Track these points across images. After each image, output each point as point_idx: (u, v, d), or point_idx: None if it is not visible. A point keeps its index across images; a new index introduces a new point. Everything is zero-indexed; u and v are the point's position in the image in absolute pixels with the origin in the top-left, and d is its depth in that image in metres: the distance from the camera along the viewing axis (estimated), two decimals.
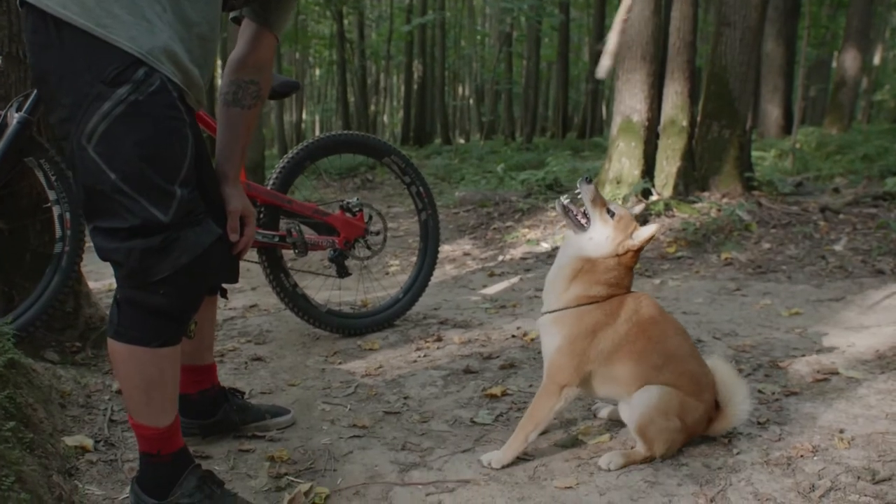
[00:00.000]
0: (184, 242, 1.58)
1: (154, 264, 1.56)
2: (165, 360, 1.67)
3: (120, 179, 1.51)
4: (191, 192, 1.60)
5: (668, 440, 1.97)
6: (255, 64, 2.02)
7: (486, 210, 7.10)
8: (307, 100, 34.43)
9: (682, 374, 2.00)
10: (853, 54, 13.53)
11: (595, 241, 1.95)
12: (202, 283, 1.70)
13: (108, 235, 1.57)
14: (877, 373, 2.64)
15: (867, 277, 4.21)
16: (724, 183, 6.08)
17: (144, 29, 1.52)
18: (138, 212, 1.52)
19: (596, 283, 1.96)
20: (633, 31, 6.05)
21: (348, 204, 3.20)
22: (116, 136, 1.50)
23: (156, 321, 1.62)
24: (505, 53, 23.09)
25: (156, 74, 1.52)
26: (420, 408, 2.44)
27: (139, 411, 1.70)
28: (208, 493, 1.73)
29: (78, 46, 1.48)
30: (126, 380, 1.68)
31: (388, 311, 3.38)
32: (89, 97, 1.49)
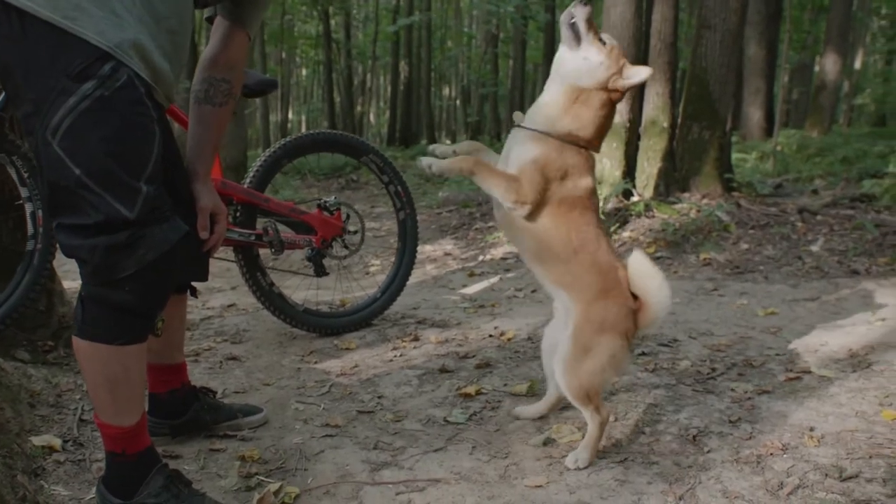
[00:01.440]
0: (149, 239, 1.56)
1: (119, 261, 1.54)
2: (130, 357, 1.65)
3: (84, 175, 1.49)
4: (157, 189, 1.59)
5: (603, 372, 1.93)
6: (226, 62, 2.01)
7: (469, 210, 7.11)
8: (293, 99, 34.33)
9: (592, 263, 1.93)
10: (833, 58, 13.68)
11: (590, 63, 1.88)
12: (168, 280, 1.69)
13: (73, 232, 1.55)
14: (848, 371, 2.66)
15: (842, 277, 4.24)
16: (705, 184, 6.11)
17: (112, 22, 1.50)
18: (103, 208, 1.51)
19: (585, 120, 1.91)
20: (614, 32, 6.06)
21: (326, 203, 3.19)
22: (81, 131, 1.48)
23: (120, 318, 1.61)
24: (491, 55, 23.14)
25: (123, 69, 1.51)
26: (394, 407, 2.44)
27: (104, 410, 1.69)
28: (175, 493, 1.71)
29: (43, 40, 1.46)
30: (91, 378, 1.67)
31: (366, 311, 3.37)
32: (54, 92, 1.47)
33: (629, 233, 5.41)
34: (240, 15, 1.99)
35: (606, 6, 6.18)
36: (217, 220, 2.01)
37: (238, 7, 1.98)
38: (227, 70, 2.01)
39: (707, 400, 2.42)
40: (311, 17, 23.64)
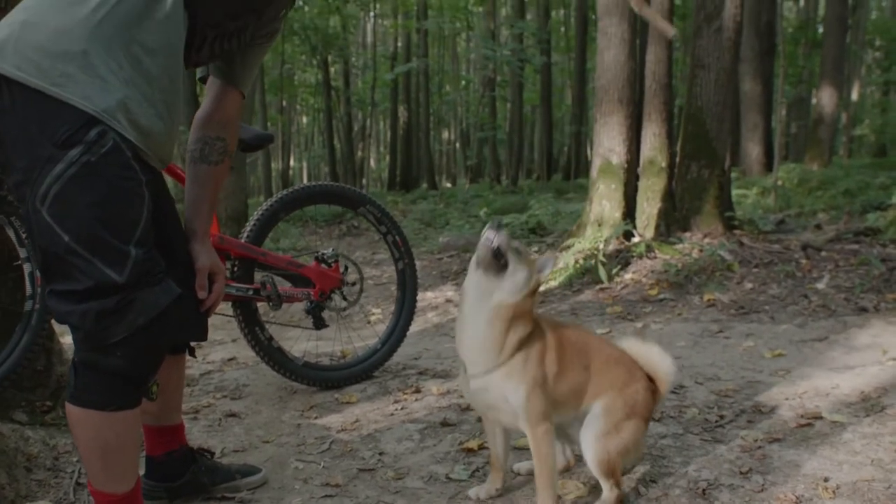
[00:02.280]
0: (140, 303, 1.56)
1: (110, 326, 1.54)
2: (123, 424, 1.63)
3: (73, 241, 1.49)
4: (146, 252, 1.58)
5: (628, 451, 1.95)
6: (220, 120, 2.01)
7: (470, 255, 7.04)
8: (294, 147, 34.66)
9: (607, 361, 2.01)
10: (830, 91, 13.80)
11: (517, 282, 1.88)
12: (161, 344, 1.67)
13: (64, 298, 1.55)
14: (861, 416, 2.60)
15: (850, 315, 4.19)
16: (706, 223, 6.10)
17: (98, 87, 1.51)
18: (93, 273, 1.51)
19: (526, 322, 1.91)
20: (609, 74, 6.13)
21: (323, 255, 3.17)
22: (69, 197, 1.49)
23: (112, 384, 1.59)
24: (488, 98, 23.39)
25: (109, 134, 1.51)
26: (395, 464, 2.38)
27: (97, 477, 1.66)
28: None
29: (31, 108, 1.48)
30: (83, 444, 1.65)
31: (366, 363, 3.33)
32: (41, 160, 1.48)
33: (631, 274, 5.38)
34: (231, 74, 2.00)
35: (600, 48, 6.25)
36: (215, 279, 1.99)
37: (229, 67, 1.99)
38: (222, 128, 2.01)
39: (716, 450, 2.35)
40: (311, 66, 24.01)
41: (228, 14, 1.84)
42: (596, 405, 1.96)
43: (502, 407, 1.92)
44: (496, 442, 2.08)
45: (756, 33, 13.88)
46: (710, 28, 6.13)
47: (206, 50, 1.87)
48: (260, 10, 1.90)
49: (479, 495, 2.08)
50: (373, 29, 27.97)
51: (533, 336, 1.93)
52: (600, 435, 1.92)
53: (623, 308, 4.77)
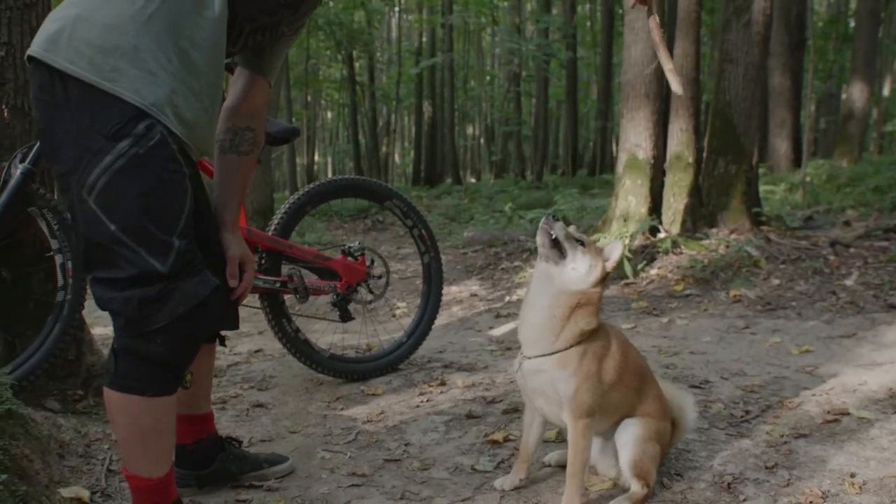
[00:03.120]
0: (181, 293, 1.61)
1: (151, 313, 1.59)
2: (160, 409, 1.68)
3: (119, 231, 1.55)
4: (188, 244, 1.64)
5: (656, 466, 2.00)
6: (249, 111, 2.04)
7: (495, 250, 7.09)
8: (319, 142, 34.83)
9: (654, 395, 2.08)
10: (860, 86, 13.57)
11: (580, 272, 1.92)
12: (199, 332, 1.73)
13: (107, 285, 1.60)
14: (889, 412, 2.58)
15: (879, 313, 4.14)
16: (732, 218, 6.05)
17: (147, 81, 1.56)
18: (137, 262, 1.56)
19: (591, 314, 1.94)
20: (636, 69, 6.09)
21: (350, 248, 3.20)
22: (117, 189, 1.54)
23: (152, 370, 1.65)
24: (513, 93, 23.32)
25: (157, 128, 1.57)
26: (421, 455, 2.40)
27: (134, 462, 1.71)
28: None
29: (84, 101, 1.54)
30: (121, 429, 1.70)
31: (392, 356, 3.35)
32: (91, 151, 1.53)
33: (657, 270, 5.36)
34: (260, 65, 2.03)
35: (627, 43, 6.21)
36: (245, 268, 2.03)
37: (259, 57, 2.02)
38: (251, 119, 2.05)
39: (741, 444, 2.35)
40: (336, 61, 24.08)
41: (265, 10, 1.89)
42: (634, 419, 2.02)
43: (549, 394, 1.95)
44: (530, 432, 2.11)
45: (786, 27, 13.68)
46: (739, 22, 6.07)
47: (241, 43, 1.92)
48: (296, 6, 1.94)
49: (504, 486, 2.10)
50: (398, 24, 28.00)
51: (597, 336, 1.97)
52: (639, 439, 1.97)
53: (648, 303, 4.75)
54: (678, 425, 2.16)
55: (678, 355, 3.50)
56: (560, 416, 1.97)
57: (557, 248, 1.92)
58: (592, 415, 1.92)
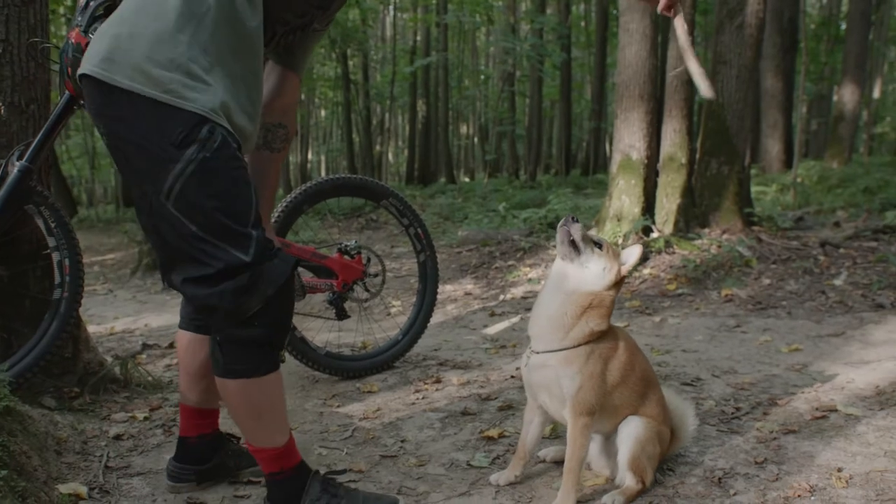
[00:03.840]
0: (267, 276, 1.72)
1: (246, 300, 1.70)
2: (272, 385, 1.81)
3: (201, 230, 1.66)
4: (262, 231, 1.75)
5: (654, 468, 2.04)
6: (281, 107, 2.12)
7: (489, 249, 7.13)
8: (313, 140, 34.78)
9: (657, 400, 2.11)
10: (851, 88, 13.66)
11: (594, 273, 1.97)
12: (290, 307, 1.83)
13: (199, 284, 1.72)
14: (876, 409, 2.62)
15: (867, 312, 4.19)
16: (724, 219, 6.10)
17: (202, 90, 1.66)
18: (223, 256, 1.67)
19: (602, 316, 1.99)
20: (630, 70, 6.14)
21: (346, 247, 3.22)
22: (192, 192, 1.65)
23: (258, 352, 1.77)
24: (507, 93, 23.34)
25: (217, 130, 1.67)
26: (417, 451, 2.43)
27: (257, 437, 1.85)
28: (333, 493, 1.90)
29: (147, 114, 1.63)
30: (239, 411, 1.83)
31: (387, 353, 3.38)
32: (162, 161, 1.64)
33: (650, 269, 5.40)
34: (291, 60, 2.10)
35: (621, 45, 6.25)
36: None
37: (289, 53, 2.09)
38: (283, 115, 2.13)
39: (732, 440, 2.39)
40: (330, 60, 24.05)
41: (298, 13, 1.98)
42: (637, 417, 2.06)
43: (554, 389, 1.99)
44: (529, 429, 2.14)
45: (778, 30, 13.77)
46: (732, 24, 6.12)
47: (273, 44, 2.00)
48: (327, 5, 2.03)
49: (500, 481, 2.14)
50: (392, 22, 27.98)
51: (606, 337, 2.02)
52: (640, 436, 2.02)
53: (641, 302, 4.80)
54: (677, 434, 2.20)
55: (670, 353, 3.54)
56: (561, 413, 2.00)
57: (574, 248, 1.98)
58: (593, 413, 1.96)
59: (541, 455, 2.31)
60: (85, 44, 2.17)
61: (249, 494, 2.14)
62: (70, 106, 2.44)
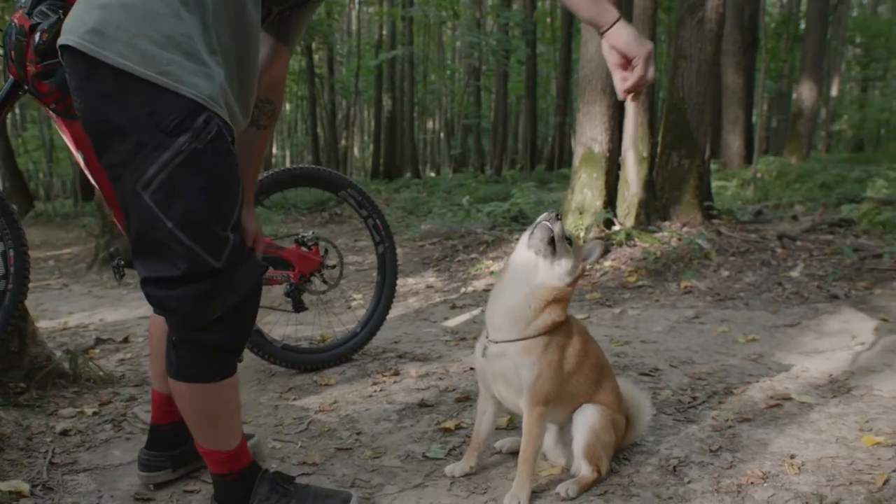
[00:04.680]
0: (234, 282, 1.61)
1: (207, 307, 1.59)
2: (228, 390, 1.73)
3: (176, 227, 1.51)
4: (240, 236, 1.63)
5: (609, 456, 2.04)
6: (270, 81, 1.99)
7: (452, 243, 7.10)
8: (277, 134, 34.44)
9: (611, 388, 2.11)
10: (810, 86, 13.93)
11: (564, 269, 1.96)
12: (254, 312, 1.74)
13: (159, 284, 1.59)
14: (829, 397, 2.66)
15: (822, 303, 4.26)
16: (685, 212, 6.16)
17: (202, 73, 1.52)
18: (190, 258, 1.54)
19: (562, 308, 1.98)
20: (592, 64, 6.15)
21: (303, 238, 3.17)
22: (176, 185, 1.50)
23: (214, 358, 1.67)
24: (473, 87, 23.36)
25: (214, 121, 1.53)
26: (372, 443, 2.40)
27: (209, 440, 1.76)
28: (283, 493, 1.83)
29: (139, 96, 1.47)
30: (192, 414, 1.73)
31: (346, 346, 3.34)
32: (148, 146, 1.48)
33: (611, 262, 5.43)
34: (284, 32, 1.98)
35: (584, 38, 6.27)
36: (257, 245, 2.02)
37: (283, 25, 1.97)
38: (271, 90, 2.00)
39: (688, 429, 2.40)
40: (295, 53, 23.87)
41: None
42: (591, 405, 2.05)
43: (511, 379, 1.97)
44: (483, 419, 2.12)
45: (739, 27, 13.97)
46: (692, 19, 6.17)
47: (268, 21, 1.89)
48: None
49: (455, 472, 2.11)
50: (357, 16, 27.80)
51: (563, 328, 2.00)
52: (595, 424, 2.01)
53: (602, 294, 4.82)
54: (633, 424, 2.20)
55: (629, 344, 3.56)
56: (517, 403, 1.99)
57: (551, 246, 1.95)
58: (549, 403, 1.95)
59: (497, 446, 2.29)
60: (29, 26, 2.08)
61: (199, 489, 2.10)
62: (14, 91, 2.35)
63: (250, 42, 1.69)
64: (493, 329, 2.02)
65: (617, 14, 1.73)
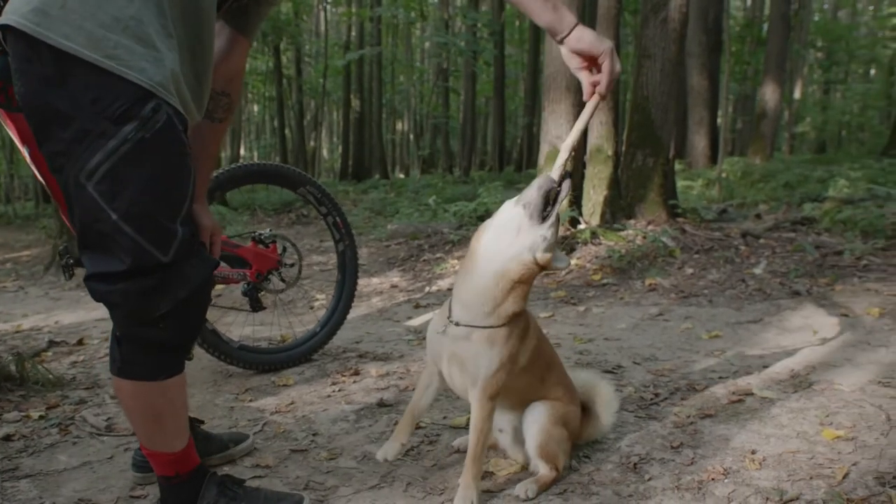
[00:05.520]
0: (182, 277, 1.54)
1: (153, 302, 1.51)
2: (174, 389, 1.65)
3: (121, 219, 1.44)
4: (190, 229, 1.55)
5: (566, 451, 1.99)
6: (227, 74, 1.92)
7: (418, 242, 7.05)
8: (245, 136, 34.11)
9: (559, 381, 2.05)
10: (772, 87, 14.13)
11: (546, 240, 1.78)
12: (203, 310, 1.66)
13: (102, 279, 1.51)
14: (790, 392, 2.65)
15: (785, 299, 4.28)
16: (650, 210, 6.17)
17: (152, 58, 1.44)
18: (136, 252, 1.46)
19: (524, 296, 1.85)
20: (557, 62, 6.14)
21: (260, 235, 3.09)
22: (121, 175, 1.43)
23: (160, 355, 1.59)
24: (441, 88, 23.33)
25: (163, 109, 1.46)
26: (329, 444, 2.33)
27: (153, 440, 1.68)
28: (231, 496, 1.76)
29: (83, 81, 1.39)
30: (136, 414, 1.65)
31: (305, 346, 3.27)
32: (92, 134, 1.40)
33: (576, 260, 5.41)
34: (244, 23, 1.91)
35: (548, 38, 6.25)
36: (214, 240, 1.95)
37: (242, 15, 1.90)
38: (228, 82, 1.93)
39: (650, 426, 2.37)
40: (262, 53, 23.59)
41: None
42: (540, 402, 1.99)
43: (468, 366, 1.85)
44: (426, 394, 2.01)
45: (704, 29, 14.10)
46: (656, 18, 6.19)
47: (224, 9, 1.82)
48: None
49: (388, 456, 2.00)
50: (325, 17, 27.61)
51: (520, 319, 1.90)
52: (545, 422, 1.95)
53: (566, 293, 4.79)
54: (600, 417, 2.15)
55: (593, 342, 3.53)
56: (465, 390, 1.89)
57: (548, 206, 1.77)
58: (497, 397, 1.88)
59: (455, 445, 2.24)
60: None
61: (147, 494, 2.01)
62: None
63: (204, 29, 1.61)
64: (461, 307, 1.85)
65: (575, 19, 1.71)
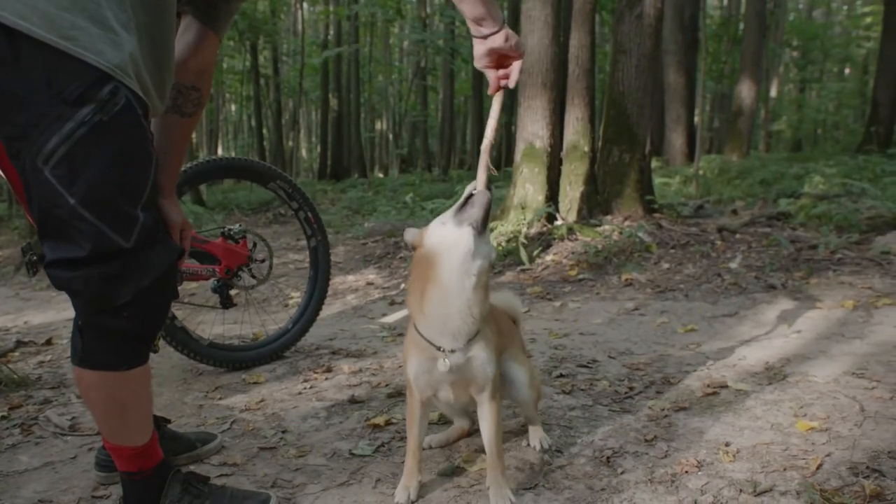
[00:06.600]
0: (145, 265, 1.49)
1: (115, 289, 1.47)
2: (137, 380, 1.60)
3: (79, 204, 1.39)
4: (152, 215, 1.50)
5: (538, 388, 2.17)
6: (197, 68, 1.88)
7: (395, 240, 7.00)
8: (223, 136, 33.82)
9: (512, 340, 2.10)
10: (749, 85, 14.23)
11: (490, 245, 1.75)
12: (167, 299, 1.62)
13: (63, 266, 1.45)
14: (765, 384, 2.64)
15: (760, 293, 4.29)
16: (626, 206, 6.17)
17: (110, 40, 1.39)
18: (96, 238, 1.42)
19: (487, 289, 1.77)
20: (532, 58, 6.12)
21: (230, 231, 3.03)
22: (78, 159, 1.38)
23: (122, 345, 1.55)
24: (419, 86, 23.27)
25: (121, 91, 1.41)
26: (298, 442, 2.29)
27: (115, 434, 1.64)
28: (196, 494, 1.73)
29: (38, 62, 1.34)
30: (97, 405, 1.61)
31: (276, 343, 3.21)
32: (48, 117, 1.35)
33: (552, 256, 5.40)
34: (214, 17, 1.87)
35: (524, 32, 6.23)
36: (184, 235, 1.90)
37: (212, 10, 1.86)
38: (198, 77, 1.89)
39: (623, 419, 2.35)
40: (239, 52, 23.39)
41: None
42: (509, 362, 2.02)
43: (477, 379, 1.78)
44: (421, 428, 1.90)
45: (680, 27, 14.19)
46: (631, 14, 6.19)
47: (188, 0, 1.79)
48: None
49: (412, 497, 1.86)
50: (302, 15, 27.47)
51: None
52: (527, 383, 2.05)
53: (543, 288, 4.77)
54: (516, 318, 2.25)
55: (568, 336, 3.51)
56: (468, 399, 1.86)
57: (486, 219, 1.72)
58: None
59: (426, 442, 2.19)
60: None
61: (109, 494, 1.96)
62: None
63: (164, 17, 1.57)
64: (450, 338, 1.73)
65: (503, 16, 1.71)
